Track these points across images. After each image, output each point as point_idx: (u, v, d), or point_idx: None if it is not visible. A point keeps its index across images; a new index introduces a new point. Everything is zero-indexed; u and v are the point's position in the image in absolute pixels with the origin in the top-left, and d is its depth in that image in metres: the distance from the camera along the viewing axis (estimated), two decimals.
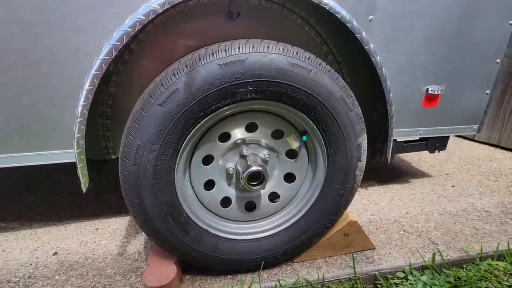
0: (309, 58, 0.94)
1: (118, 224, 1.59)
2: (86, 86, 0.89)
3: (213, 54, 0.88)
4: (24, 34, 0.89)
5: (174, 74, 0.88)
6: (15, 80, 0.94)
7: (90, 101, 0.91)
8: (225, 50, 0.88)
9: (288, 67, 0.91)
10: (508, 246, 1.32)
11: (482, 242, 1.38)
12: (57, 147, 1.06)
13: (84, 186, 1.02)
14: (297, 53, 0.92)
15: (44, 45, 0.91)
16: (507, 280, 1.18)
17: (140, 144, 0.90)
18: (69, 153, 1.08)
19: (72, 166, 1.10)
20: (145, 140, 0.90)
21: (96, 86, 0.90)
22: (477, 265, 1.26)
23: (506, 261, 1.28)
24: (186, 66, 0.87)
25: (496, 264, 1.25)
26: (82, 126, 0.93)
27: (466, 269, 1.25)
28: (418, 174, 2.18)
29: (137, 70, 1.14)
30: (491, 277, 1.19)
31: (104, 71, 0.89)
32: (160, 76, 0.91)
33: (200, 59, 0.87)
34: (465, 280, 1.16)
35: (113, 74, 1.11)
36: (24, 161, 1.04)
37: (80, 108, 0.91)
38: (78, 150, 0.95)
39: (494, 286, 1.15)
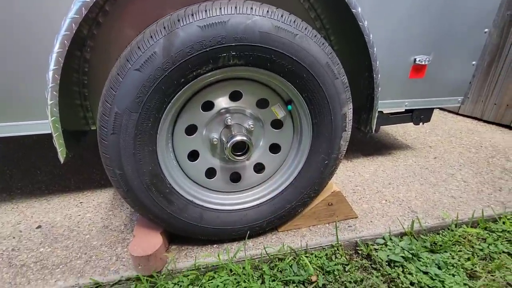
0: (294, 21, 0.89)
1: (103, 198, 1.58)
2: (56, 48, 0.83)
3: (192, 15, 0.82)
4: None
5: (151, 37, 0.82)
6: None
7: (62, 65, 0.85)
8: (206, 11, 0.82)
9: (272, 30, 0.86)
10: (482, 214, 1.38)
11: (458, 210, 1.44)
12: (32, 117, 1.01)
13: (61, 156, 0.98)
14: (282, 15, 0.88)
15: (12, 8, 0.83)
16: (479, 244, 1.25)
17: (118, 112, 0.86)
18: (45, 123, 1.04)
19: (50, 138, 1.06)
20: (123, 107, 0.86)
21: (67, 48, 0.83)
22: (453, 231, 1.32)
23: (479, 227, 1.35)
24: (164, 27, 0.82)
25: (470, 230, 1.32)
26: (54, 92, 0.87)
27: (442, 235, 1.31)
28: (402, 146, 2.22)
29: (113, 34, 1.07)
30: (464, 242, 1.26)
31: (74, 32, 0.82)
32: (136, 39, 0.85)
33: (179, 21, 0.82)
34: (440, 245, 1.22)
35: (87, 38, 1.04)
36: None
37: (51, 73, 0.85)
38: (52, 118, 0.90)
39: (467, 250, 1.22)
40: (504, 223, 1.36)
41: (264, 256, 1.16)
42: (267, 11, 0.87)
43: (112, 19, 1.04)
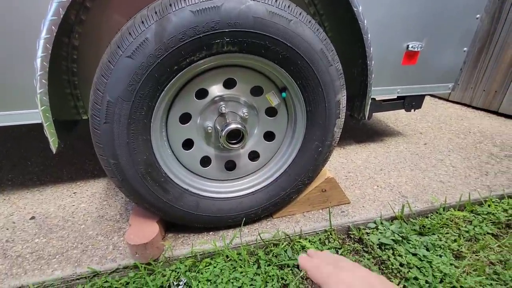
0: (288, 6, 0.88)
1: (97, 188, 1.57)
2: (43, 34, 0.80)
3: None
4: None
5: (142, 22, 0.80)
6: None
7: (50, 51, 0.82)
8: None
9: (266, 16, 0.85)
10: (469, 197, 1.43)
11: (446, 194, 1.48)
12: (21, 106, 0.98)
13: (53, 146, 0.96)
14: (276, 0, 0.86)
15: None
16: (465, 227, 1.30)
17: (110, 100, 0.84)
18: (35, 113, 1.01)
19: (42, 129, 1.03)
20: (115, 96, 0.84)
21: (55, 34, 0.80)
22: (441, 214, 1.37)
23: (466, 210, 1.40)
24: (156, 12, 0.80)
25: (457, 213, 1.37)
26: (44, 81, 0.85)
27: (430, 218, 1.36)
28: (394, 133, 2.26)
29: (102, 19, 1.03)
30: (452, 225, 1.31)
31: (62, 16, 0.79)
32: (127, 25, 0.82)
33: (170, 5, 0.80)
34: (429, 228, 1.27)
35: (75, 24, 1.00)
36: None
37: (39, 60, 0.82)
38: (42, 108, 0.88)
39: (454, 232, 1.27)
40: (489, 206, 1.41)
41: (259, 242, 1.19)
42: None
43: (100, 3, 1.01)
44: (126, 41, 0.80)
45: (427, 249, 1.17)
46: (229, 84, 1.04)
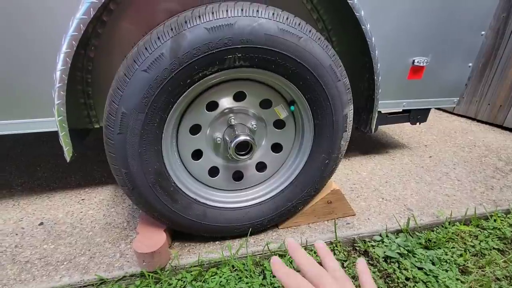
0: (299, 24, 0.91)
1: (105, 195, 1.59)
2: (64, 48, 0.83)
3: (199, 16, 0.83)
4: None
5: (158, 38, 0.83)
6: None
7: (69, 65, 0.85)
8: (213, 13, 0.84)
9: (278, 33, 0.88)
10: (475, 211, 1.43)
11: (452, 208, 1.48)
12: (37, 115, 1.01)
13: (68, 155, 0.99)
14: (287, 18, 0.89)
15: (19, 5, 0.83)
16: (471, 241, 1.29)
17: (125, 112, 0.87)
18: (50, 121, 1.04)
19: (51, 136, 1.06)
20: (130, 107, 0.87)
21: (75, 49, 0.84)
22: (446, 228, 1.37)
23: (472, 224, 1.40)
24: (171, 29, 0.83)
25: (463, 228, 1.36)
26: (62, 92, 0.88)
27: (436, 232, 1.35)
28: (398, 145, 2.27)
29: (117, 33, 1.07)
30: (457, 239, 1.31)
31: (82, 32, 0.83)
32: (143, 40, 0.86)
33: (186, 22, 0.83)
34: (435, 242, 1.27)
35: (91, 37, 1.04)
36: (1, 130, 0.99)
37: (58, 73, 0.86)
38: (59, 118, 0.91)
39: (460, 246, 1.27)
40: (495, 220, 1.41)
41: (265, 253, 1.19)
42: (273, 14, 0.88)
43: (116, 18, 1.05)
44: (142, 56, 0.83)
45: (433, 263, 1.16)
46: (239, 97, 1.06)
